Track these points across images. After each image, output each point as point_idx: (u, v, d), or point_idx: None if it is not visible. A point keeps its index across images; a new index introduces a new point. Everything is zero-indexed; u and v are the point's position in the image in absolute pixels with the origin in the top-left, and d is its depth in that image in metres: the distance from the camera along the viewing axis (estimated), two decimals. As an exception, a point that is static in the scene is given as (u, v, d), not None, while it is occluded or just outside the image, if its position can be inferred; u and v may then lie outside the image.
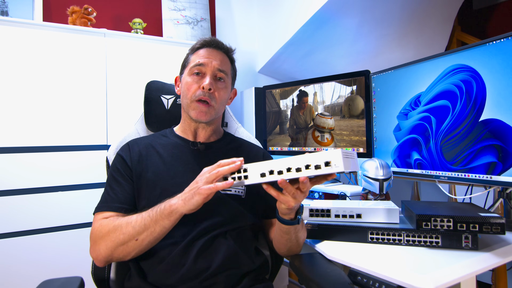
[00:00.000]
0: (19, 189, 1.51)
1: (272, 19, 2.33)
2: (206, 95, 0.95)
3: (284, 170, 0.72)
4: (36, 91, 1.55)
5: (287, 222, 0.84)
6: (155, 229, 0.80)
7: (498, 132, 1.02)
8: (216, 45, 1.02)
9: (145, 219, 0.81)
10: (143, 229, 0.80)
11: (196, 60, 0.98)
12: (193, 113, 0.96)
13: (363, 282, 0.78)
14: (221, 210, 0.92)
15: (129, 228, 0.81)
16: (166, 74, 1.82)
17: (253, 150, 1.10)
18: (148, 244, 0.83)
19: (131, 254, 0.83)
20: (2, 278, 1.46)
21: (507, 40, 1.00)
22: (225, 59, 1.02)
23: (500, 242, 0.90)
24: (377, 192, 1.24)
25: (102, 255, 0.83)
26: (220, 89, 0.99)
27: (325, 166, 0.68)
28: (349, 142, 1.55)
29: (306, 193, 0.76)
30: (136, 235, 0.81)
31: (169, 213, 0.80)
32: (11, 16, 1.71)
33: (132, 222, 0.82)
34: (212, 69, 0.97)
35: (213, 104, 0.97)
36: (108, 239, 0.82)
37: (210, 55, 0.99)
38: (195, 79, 0.97)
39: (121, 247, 0.82)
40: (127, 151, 0.98)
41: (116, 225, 0.83)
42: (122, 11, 2.10)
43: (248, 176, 0.76)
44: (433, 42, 2.50)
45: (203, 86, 0.95)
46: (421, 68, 1.27)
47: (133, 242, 0.81)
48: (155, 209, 0.82)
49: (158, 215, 0.80)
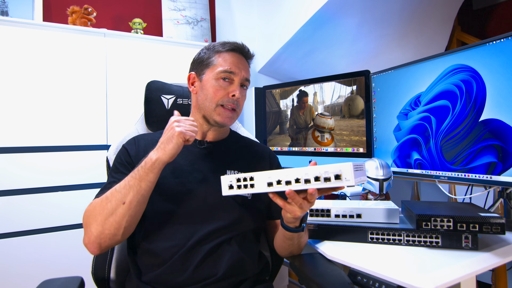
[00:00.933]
0: (19, 189, 1.51)
1: (272, 19, 2.33)
2: (234, 103, 0.96)
3: (292, 181, 0.71)
4: (36, 91, 1.55)
5: (292, 229, 0.84)
6: (141, 186, 0.79)
7: (498, 132, 1.02)
8: (244, 52, 1.01)
9: (129, 180, 0.80)
10: (129, 189, 0.79)
11: (225, 66, 0.96)
12: (219, 118, 0.95)
13: (363, 282, 0.78)
14: (225, 214, 0.91)
15: (115, 194, 0.80)
16: (166, 74, 1.82)
17: (259, 149, 1.09)
18: (137, 205, 0.80)
19: (122, 224, 0.79)
20: (2, 278, 1.45)
21: (507, 40, 1.00)
22: (248, 68, 1.02)
23: (500, 242, 0.90)
24: (377, 192, 1.24)
25: (94, 234, 0.79)
26: (243, 96, 1.00)
27: (335, 179, 0.67)
28: (349, 142, 1.55)
29: (313, 203, 0.76)
30: (123, 198, 0.79)
31: (151, 166, 0.79)
32: (11, 16, 1.70)
33: (116, 188, 0.81)
34: (241, 79, 0.97)
35: (238, 110, 0.98)
36: (96, 214, 0.80)
37: (239, 63, 0.98)
38: (223, 84, 0.95)
39: (110, 218, 0.79)
40: (132, 144, 0.98)
41: (102, 198, 0.82)
42: (122, 11, 2.10)
43: (255, 185, 0.75)
44: (433, 42, 2.50)
45: (234, 95, 0.95)
46: (421, 68, 1.27)
47: (121, 207, 0.79)
48: (136, 169, 0.81)
49: (141, 172, 0.80)
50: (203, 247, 0.86)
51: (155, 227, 0.89)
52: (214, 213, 0.90)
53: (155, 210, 0.88)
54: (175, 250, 0.85)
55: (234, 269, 0.86)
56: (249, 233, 0.95)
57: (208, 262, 0.85)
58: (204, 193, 0.91)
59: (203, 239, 0.86)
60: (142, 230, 0.89)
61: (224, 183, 0.78)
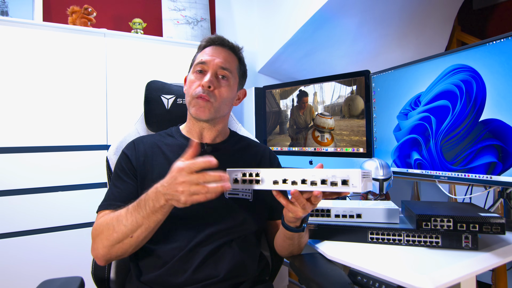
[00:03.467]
0: (19, 189, 1.51)
1: (272, 19, 2.33)
2: (206, 93, 0.92)
3: (298, 181, 0.71)
4: (36, 91, 1.55)
5: (293, 229, 0.84)
6: (149, 225, 0.78)
7: (498, 132, 1.02)
8: (220, 42, 0.99)
9: (135, 217, 0.77)
10: (136, 226, 0.77)
11: (199, 58, 0.97)
12: (193, 110, 0.94)
13: (363, 282, 0.78)
14: (227, 217, 0.90)
15: (121, 227, 0.78)
16: (166, 74, 1.82)
17: (260, 150, 1.08)
18: (145, 238, 0.80)
19: (129, 250, 0.81)
20: (2, 278, 1.45)
21: (507, 40, 1.00)
22: (230, 57, 0.99)
23: (500, 242, 0.90)
24: (377, 192, 1.24)
25: (101, 253, 0.81)
26: (221, 87, 0.95)
27: (342, 185, 0.67)
28: (349, 142, 1.55)
29: (316, 206, 0.75)
30: (130, 233, 0.78)
31: (160, 208, 0.75)
32: (11, 16, 1.70)
33: (123, 221, 0.78)
34: (214, 67, 0.95)
35: (212, 101, 0.93)
36: (104, 238, 0.80)
37: (214, 53, 0.97)
38: (197, 76, 0.95)
39: (117, 245, 0.80)
40: (132, 149, 0.96)
41: (108, 223, 0.80)
42: (122, 11, 2.10)
43: (260, 181, 0.74)
44: (433, 42, 2.50)
45: (202, 84, 0.92)
46: (421, 68, 1.27)
47: (128, 239, 0.79)
48: (143, 204, 0.76)
49: (149, 210, 0.76)
50: (203, 248, 0.86)
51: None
52: (215, 215, 0.90)
53: None
54: (176, 252, 0.85)
55: (234, 271, 0.86)
56: (250, 235, 0.94)
57: (208, 263, 0.85)
58: None
59: (204, 241, 0.86)
60: None
61: (230, 177, 0.77)
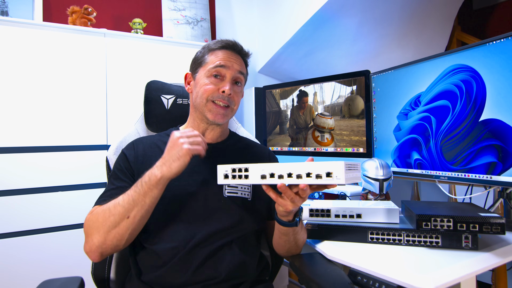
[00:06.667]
0: (19, 189, 1.51)
1: (272, 19, 2.33)
2: (226, 99, 0.94)
3: (285, 175, 0.73)
4: (36, 91, 1.55)
5: (285, 223, 0.84)
6: (145, 202, 0.79)
7: (498, 132, 1.02)
8: (237, 49, 0.99)
9: (132, 195, 0.79)
10: (133, 205, 0.79)
11: (215, 61, 0.95)
12: (210, 114, 0.94)
13: (363, 282, 0.78)
14: (225, 216, 0.91)
15: (118, 208, 0.79)
16: (166, 74, 1.82)
17: (259, 150, 1.09)
18: (141, 219, 0.81)
19: (125, 236, 0.81)
20: (2, 278, 1.45)
21: (507, 40, 1.00)
22: (242, 64, 1.00)
23: (500, 242, 0.90)
24: (377, 192, 1.24)
25: (95, 244, 0.80)
26: (237, 93, 0.98)
27: (326, 177, 0.69)
28: (349, 142, 1.55)
29: (305, 199, 0.76)
30: (127, 212, 0.79)
31: (156, 182, 0.79)
32: (11, 16, 1.70)
33: (120, 202, 0.80)
34: (233, 73, 0.95)
35: (232, 107, 0.97)
36: (99, 225, 0.80)
37: (231, 58, 0.97)
38: (214, 81, 0.95)
39: (113, 230, 0.79)
40: (131, 149, 0.97)
41: (104, 209, 0.81)
42: (122, 11, 2.10)
43: (249, 176, 0.76)
44: (433, 42, 2.50)
45: (224, 91, 0.93)
46: (421, 68, 1.27)
47: (125, 221, 0.79)
48: (140, 183, 0.80)
49: (145, 187, 0.79)
50: (203, 249, 0.86)
51: (156, 228, 0.89)
52: (214, 215, 0.90)
53: (156, 212, 0.88)
54: (176, 252, 0.85)
55: (235, 272, 0.86)
56: (250, 235, 0.94)
57: (208, 264, 0.85)
58: (204, 195, 0.91)
59: (203, 241, 0.86)
60: (144, 231, 0.89)
61: (220, 172, 0.80)
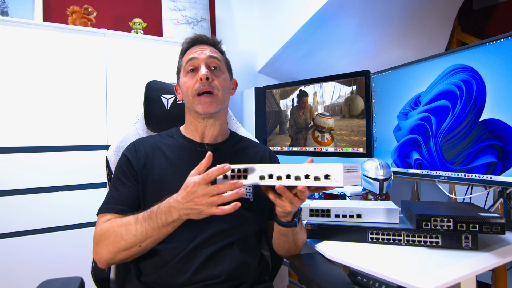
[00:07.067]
0: (19, 189, 1.51)
1: (272, 19, 2.33)
2: (206, 85, 0.93)
3: (283, 176, 0.73)
4: (36, 91, 1.55)
5: (284, 224, 0.84)
6: (159, 236, 0.80)
7: (498, 132, 1.02)
8: (202, 40, 1.01)
9: (146, 228, 0.79)
10: (145, 237, 0.80)
11: (187, 57, 0.98)
12: (199, 107, 0.93)
13: (363, 282, 0.78)
14: (227, 216, 0.88)
15: (130, 236, 0.80)
16: (166, 74, 1.82)
17: (260, 150, 1.08)
18: (152, 247, 0.84)
19: (134, 257, 0.84)
20: (2, 278, 1.45)
21: (507, 40, 1.00)
22: (214, 49, 1.01)
23: (500, 242, 0.90)
24: (377, 192, 1.24)
25: (104, 258, 0.83)
26: (218, 76, 0.97)
27: (325, 179, 0.69)
28: (349, 142, 1.55)
29: (304, 200, 0.76)
30: (139, 242, 0.80)
31: (172, 221, 0.78)
32: (11, 16, 1.70)
33: (132, 230, 0.80)
34: (205, 59, 0.96)
35: (216, 92, 0.94)
36: (110, 244, 0.81)
37: (199, 48, 0.98)
38: (191, 75, 0.96)
39: (123, 252, 0.82)
40: (133, 151, 0.96)
41: (116, 231, 0.81)
42: (122, 11, 2.10)
43: (248, 177, 0.76)
44: (433, 42, 2.50)
45: (200, 77, 0.92)
46: (421, 68, 1.27)
47: (136, 248, 0.81)
48: (154, 216, 0.79)
49: (160, 223, 0.78)
50: (204, 250, 0.86)
51: None
52: (217, 216, 0.89)
53: None
54: (176, 252, 0.85)
55: (235, 273, 0.86)
56: (251, 236, 0.94)
57: (209, 265, 0.85)
58: None
59: (205, 241, 0.86)
60: None
61: None
